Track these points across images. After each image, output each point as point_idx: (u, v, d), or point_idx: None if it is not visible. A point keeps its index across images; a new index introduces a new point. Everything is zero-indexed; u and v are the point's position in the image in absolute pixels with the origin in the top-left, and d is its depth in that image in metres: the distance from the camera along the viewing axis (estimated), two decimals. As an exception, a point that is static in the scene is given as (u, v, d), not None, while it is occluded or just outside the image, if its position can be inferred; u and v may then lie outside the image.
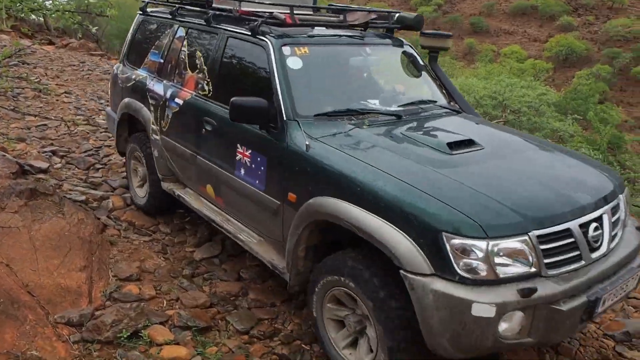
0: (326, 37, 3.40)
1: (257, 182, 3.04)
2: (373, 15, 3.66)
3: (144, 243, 3.99)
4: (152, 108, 4.08)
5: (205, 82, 3.55)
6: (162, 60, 4.10)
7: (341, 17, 3.66)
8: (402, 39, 3.83)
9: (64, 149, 5.78)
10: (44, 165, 4.97)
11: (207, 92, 3.52)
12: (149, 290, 3.33)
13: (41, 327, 2.76)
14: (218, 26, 3.56)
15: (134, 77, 4.39)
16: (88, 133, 6.48)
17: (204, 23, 3.68)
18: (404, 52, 3.73)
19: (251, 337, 3.04)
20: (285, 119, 2.88)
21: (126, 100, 4.45)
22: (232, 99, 2.82)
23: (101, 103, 8.02)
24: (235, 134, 3.19)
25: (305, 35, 3.29)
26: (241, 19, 3.40)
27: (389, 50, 3.72)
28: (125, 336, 2.80)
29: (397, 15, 3.72)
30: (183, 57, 3.86)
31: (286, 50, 3.09)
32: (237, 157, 3.17)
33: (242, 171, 3.14)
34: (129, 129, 4.63)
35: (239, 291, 3.47)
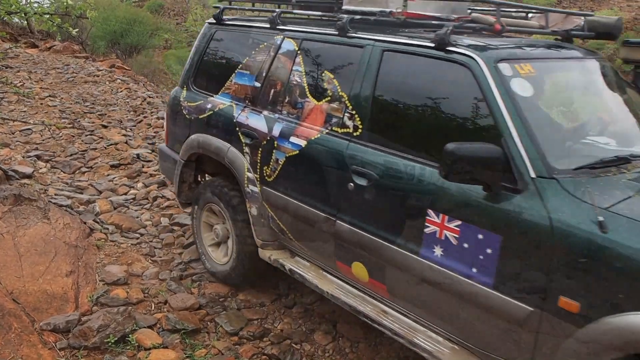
0: (541, 50, 2.51)
1: (474, 270, 2.09)
2: (577, 20, 2.75)
3: (131, 246, 3.96)
4: (246, 149, 3.13)
5: (347, 115, 2.63)
6: (258, 85, 3.14)
7: (538, 20, 2.84)
8: (594, 50, 3.00)
9: (49, 153, 5.73)
10: (28, 170, 4.92)
11: (351, 130, 2.60)
12: (136, 293, 3.30)
13: (26, 334, 2.73)
14: (361, 36, 2.66)
15: (210, 106, 3.41)
16: (73, 136, 6.43)
17: (335, 32, 2.77)
18: (603, 68, 2.78)
19: (241, 338, 3.03)
20: (534, 176, 1.94)
21: (198, 137, 3.44)
22: (448, 147, 1.91)
23: (86, 106, 7.94)
24: (422, 194, 2.25)
25: (514, 46, 2.40)
26: (406, 24, 2.61)
27: (593, 65, 2.72)
28: (112, 341, 2.77)
29: (587, 19, 2.81)
30: (298, 79, 2.92)
31: (505, 69, 2.16)
32: (428, 230, 2.23)
33: (439, 251, 2.21)
34: (196, 172, 3.74)
35: (228, 292, 3.45)
